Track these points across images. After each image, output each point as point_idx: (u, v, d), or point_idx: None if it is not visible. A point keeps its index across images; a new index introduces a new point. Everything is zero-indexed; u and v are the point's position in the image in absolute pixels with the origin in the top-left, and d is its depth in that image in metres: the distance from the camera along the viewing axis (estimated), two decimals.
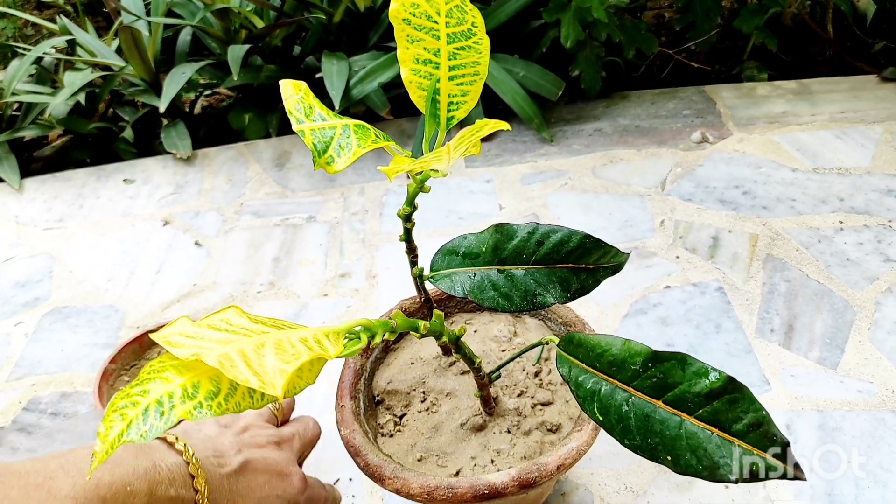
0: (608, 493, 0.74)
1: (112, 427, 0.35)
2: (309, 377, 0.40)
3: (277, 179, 1.35)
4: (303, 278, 1.10)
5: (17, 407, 0.92)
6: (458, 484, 0.56)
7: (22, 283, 1.15)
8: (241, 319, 0.40)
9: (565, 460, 0.57)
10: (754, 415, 0.43)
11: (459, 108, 0.52)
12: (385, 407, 0.67)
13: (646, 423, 0.45)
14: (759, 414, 0.43)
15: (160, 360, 0.37)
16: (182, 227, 1.25)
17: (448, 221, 1.18)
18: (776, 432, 0.42)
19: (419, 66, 0.50)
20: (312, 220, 1.24)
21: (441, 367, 0.69)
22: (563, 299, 0.56)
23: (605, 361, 0.48)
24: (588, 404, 0.48)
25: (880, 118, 1.32)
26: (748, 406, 0.43)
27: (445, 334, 0.54)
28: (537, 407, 0.65)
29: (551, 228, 0.56)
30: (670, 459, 0.44)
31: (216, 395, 0.37)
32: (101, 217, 1.30)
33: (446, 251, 0.59)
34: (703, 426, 0.44)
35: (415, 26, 0.48)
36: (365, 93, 1.34)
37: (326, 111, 0.48)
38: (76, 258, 1.20)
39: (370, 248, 1.15)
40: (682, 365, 0.45)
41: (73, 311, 1.08)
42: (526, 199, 1.22)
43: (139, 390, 0.36)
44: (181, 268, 1.16)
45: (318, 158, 0.45)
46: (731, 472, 0.42)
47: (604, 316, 0.96)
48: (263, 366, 0.36)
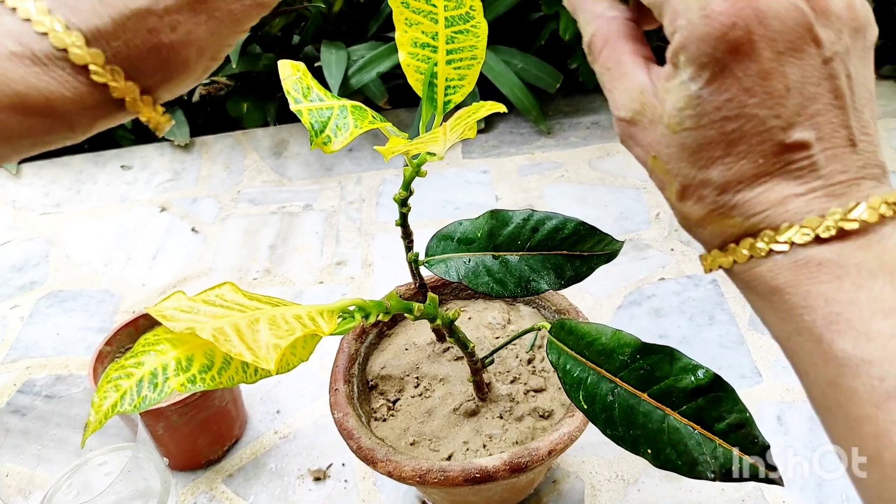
0: (599, 481, 0.74)
1: (106, 397, 0.36)
2: (303, 354, 0.41)
3: (275, 167, 1.35)
4: (299, 265, 1.10)
5: (11, 389, 0.92)
6: (450, 467, 0.56)
7: (18, 267, 1.15)
8: (235, 295, 0.40)
9: (556, 446, 0.57)
10: (738, 415, 0.43)
11: (457, 92, 0.52)
12: (379, 392, 0.68)
13: (629, 415, 0.45)
14: (742, 415, 0.43)
15: (154, 333, 0.38)
16: (179, 214, 1.25)
17: (444, 211, 1.19)
18: (758, 434, 0.42)
19: (417, 50, 0.50)
20: (309, 208, 1.24)
21: (435, 353, 0.69)
22: (556, 286, 0.56)
23: (594, 350, 0.48)
24: (574, 392, 0.48)
25: (877, 115, 1.32)
26: (732, 406, 0.43)
27: (439, 317, 0.54)
28: (530, 393, 0.66)
29: (546, 215, 0.57)
30: (651, 452, 0.44)
31: (210, 369, 0.37)
32: (98, 202, 1.30)
33: (441, 236, 0.59)
34: (685, 422, 0.44)
35: (413, 9, 0.48)
36: (363, 82, 1.34)
37: (324, 92, 0.48)
38: (73, 243, 1.20)
39: (366, 237, 1.15)
40: (669, 359, 0.45)
41: (69, 294, 1.09)
42: (522, 191, 1.22)
43: (133, 362, 0.36)
44: (178, 253, 1.16)
45: (316, 138, 0.46)
46: (709, 470, 0.43)
47: (598, 307, 0.96)
48: (257, 340, 0.36)
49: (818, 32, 0.27)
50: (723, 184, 0.29)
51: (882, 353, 0.26)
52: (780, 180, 0.28)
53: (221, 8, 0.32)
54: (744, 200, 0.29)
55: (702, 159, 0.29)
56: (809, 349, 0.28)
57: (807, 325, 0.28)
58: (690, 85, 0.28)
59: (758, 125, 0.28)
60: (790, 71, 0.27)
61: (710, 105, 0.28)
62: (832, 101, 0.28)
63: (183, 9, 0.31)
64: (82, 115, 0.32)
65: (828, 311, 0.27)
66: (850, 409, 0.27)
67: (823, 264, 0.28)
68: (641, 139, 0.31)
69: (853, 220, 0.27)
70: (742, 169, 0.28)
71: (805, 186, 0.28)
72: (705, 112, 0.28)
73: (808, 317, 0.28)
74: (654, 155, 0.31)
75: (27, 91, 0.29)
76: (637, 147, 0.32)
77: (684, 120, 0.29)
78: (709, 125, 0.28)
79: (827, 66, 0.28)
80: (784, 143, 0.28)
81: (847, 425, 0.27)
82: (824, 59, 0.28)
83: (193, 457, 0.79)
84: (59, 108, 0.30)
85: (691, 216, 0.31)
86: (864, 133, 0.29)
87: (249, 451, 0.82)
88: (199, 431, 0.76)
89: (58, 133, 0.32)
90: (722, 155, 0.29)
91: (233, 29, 0.34)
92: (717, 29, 0.27)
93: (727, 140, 0.28)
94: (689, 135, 0.29)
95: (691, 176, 0.30)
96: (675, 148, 0.30)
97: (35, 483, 0.63)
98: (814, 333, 0.28)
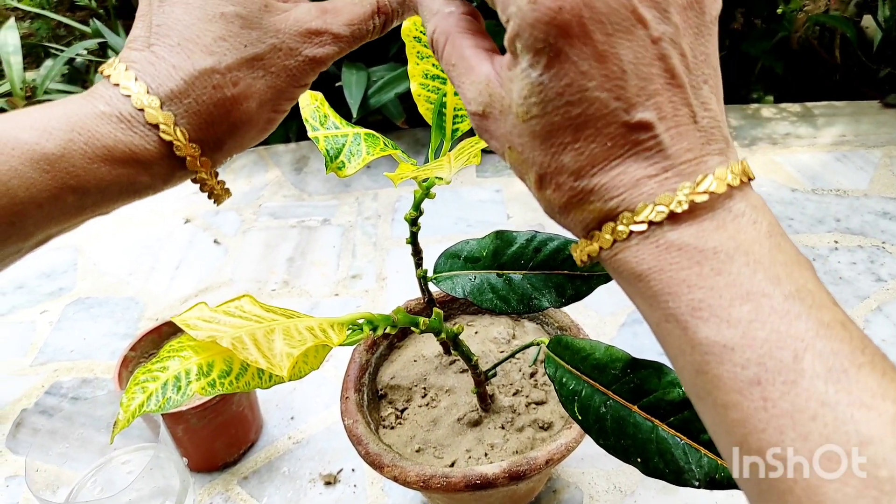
0: (598, 491, 0.77)
1: (133, 398, 0.39)
2: (314, 362, 0.44)
3: (295, 183, 1.40)
4: (316, 278, 1.14)
5: (39, 390, 0.96)
6: (452, 473, 0.59)
7: (48, 274, 1.20)
8: (253, 307, 0.44)
9: (554, 455, 0.60)
10: None
11: (464, 121, 0.55)
12: (388, 401, 0.71)
13: (620, 426, 0.48)
14: None
15: (179, 341, 0.41)
16: (202, 226, 1.30)
17: (457, 228, 1.22)
18: None
19: (427, 81, 0.53)
20: (327, 222, 1.28)
21: (442, 365, 0.73)
22: (558, 304, 0.59)
23: (588, 364, 0.51)
24: (570, 404, 0.51)
25: (880, 143, 1.35)
26: None
27: (444, 331, 0.58)
28: (531, 405, 0.68)
29: (549, 236, 0.60)
30: (640, 461, 0.47)
31: (228, 374, 0.41)
32: (124, 213, 1.34)
33: (449, 254, 0.62)
34: (673, 433, 0.46)
35: (424, 44, 0.52)
36: (382, 102, 1.38)
37: (340, 120, 0.52)
38: (100, 251, 1.25)
39: (381, 252, 1.19)
40: (658, 374, 0.48)
41: (96, 301, 1.13)
42: (532, 210, 1.25)
43: (159, 366, 0.40)
44: (200, 264, 1.20)
45: (331, 163, 0.49)
46: (695, 478, 0.45)
47: (602, 324, 0.99)
48: (272, 349, 0.40)
49: (642, 13, 0.27)
50: (577, 169, 0.29)
51: (742, 339, 0.26)
52: (632, 162, 0.29)
53: (277, 64, 0.38)
54: (600, 185, 0.29)
55: (553, 146, 0.30)
56: (676, 336, 0.28)
57: (672, 311, 0.28)
58: (531, 72, 0.29)
59: (600, 108, 0.28)
60: (623, 53, 0.28)
61: (552, 91, 0.28)
62: (669, 81, 0.28)
63: (242, 66, 0.37)
64: (160, 164, 0.36)
65: (690, 298, 0.28)
66: (718, 395, 0.27)
67: (684, 249, 0.28)
68: (495, 131, 0.32)
69: (703, 192, 0.28)
70: (593, 153, 0.29)
71: (656, 167, 0.29)
72: (549, 98, 0.29)
73: (672, 303, 0.28)
74: (508, 146, 0.32)
75: (114, 144, 0.35)
76: (493, 140, 0.33)
77: (531, 108, 0.29)
78: (554, 111, 0.29)
79: (656, 45, 0.28)
80: (628, 123, 0.28)
81: (716, 412, 0.28)
82: (652, 39, 0.28)
83: (211, 459, 0.83)
84: (140, 158, 0.36)
85: (553, 203, 0.31)
86: (706, 109, 0.30)
87: (264, 454, 0.85)
88: (216, 435, 0.80)
89: (140, 181, 0.37)
90: (572, 140, 0.29)
91: (290, 83, 0.39)
92: (545, 14, 0.27)
93: (574, 125, 0.29)
94: (537, 122, 0.29)
95: (546, 163, 0.30)
96: (526, 137, 0.30)
97: (62, 479, 0.66)
98: (679, 321, 0.28)
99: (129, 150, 0.35)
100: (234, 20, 0.36)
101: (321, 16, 0.39)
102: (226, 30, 0.36)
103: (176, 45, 0.36)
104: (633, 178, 0.29)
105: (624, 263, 0.30)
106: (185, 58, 0.36)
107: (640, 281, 0.29)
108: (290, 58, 0.38)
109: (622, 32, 0.27)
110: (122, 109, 0.35)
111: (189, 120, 0.36)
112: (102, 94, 0.35)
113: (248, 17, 0.37)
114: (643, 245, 0.29)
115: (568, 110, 0.28)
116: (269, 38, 0.37)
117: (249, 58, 0.37)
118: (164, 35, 0.36)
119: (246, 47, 0.37)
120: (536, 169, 0.31)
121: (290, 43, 0.38)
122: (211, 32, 0.36)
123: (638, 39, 0.28)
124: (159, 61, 0.36)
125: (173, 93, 0.35)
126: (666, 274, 0.28)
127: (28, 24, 2.11)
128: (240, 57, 0.36)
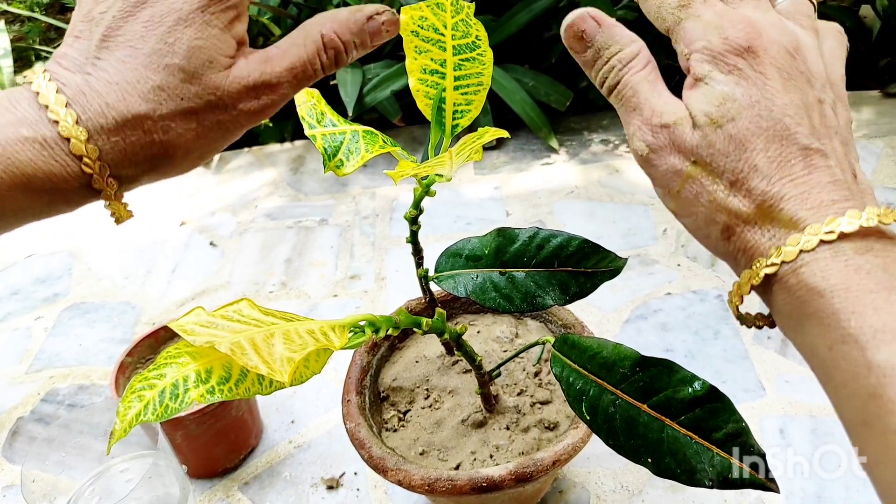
0: (605, 491, 0.76)
1: (130, 407, 0.38)
2: (315, 367, 0.43)
3: (291, 183, 1.38)
4: (314, 279, 1.13)
5: (35, 398, 0.95)
6: (458, 476, 0.58)
7: (42, 279, 1.19)
8: (252, 311, 0.43)
9: (560, 456, 0.59)
10: (734, 425, 0.45)
11: (464, 117, 0.54)
12: (390, 403, 0.70)
13: (630, 425, 0.47)
14: (738, 425, 0.45)
15: (176, 347, 0.40)
16: (198, 228, 1.28)
17: (456, 226, 1.21)
18: (754, 443, 0.44)
19: (426, 76, 0.52)
20: (324, 223, 1.27)
21: (444, 366, 0.72)
22: (561, 301, 0.58)
23: (596, 363, 0.50)
24: (577, 404, 0.50)
25: (882, 133, 1.34)
26: (729, 416, 0.45)
27: (447, 331, 0.56)
28: (536, 405, 0.67)
29: (551, 233, 0.59)
30: (651, 461, 0.46)
31: (228, 380, 0.39)
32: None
33: (450, 253, 0.61)
34: (684, 432, 0.45)
35: (423, 38, 0.50)
36: (378, 100, 1.37)
37: (337, 117, 0.51)
38: (95, 256, 1.24)
39: (380, 251, 1.18)
40: (668, 372, 0.47)
41: (92, 306, 1.12)
42: (532, 206, 1.24)
43: (156, 374, 0.39)
44: (196, 267, 1.19)
45: (329, 162, 0.48)
46: (707, 478, 0.44)
47: (606, 321, 0.98)
48: (272, 354, 0.39)
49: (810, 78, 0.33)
50: (769, 173, 0.32)
51: None
52: (816, 182, 0.31)
53: (211, 119, 0.38)
54: (791, 195, 0.31)
55: (746, 150, 0.32)
56: (853, 358, 0.29)
57: (852, 332, 0.28)
58: (722, 87, 0.33)
59: (784, 128, 0.32)
60: (797, 95, 0.32)
61: (744, 99, 0.32)
62: (835, 133, 0.33)
63: (176, 117, 0.36)
64: (77, 192, 0.37)
65: (875, 320, 0.28)
66: (891, 420, 0.27)
67: (872, 273, 0.29)
68: (682, 143, 0.34)
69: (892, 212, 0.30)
70: (781, 163, 0.32)
71: (839, 193, 0.31)
72: (743, 106, 0.32)
73: (854, 323, 0.28)
74: (693, 160, 0.34)
75: (34, 173, 0.34)
76: (674, 155, 0.35)
77: (727, 112, 0.33)
78: (748, 118, 0.32)
79: (821, 105, 0.33)
80: (809, 147, 0.32)
81: (885, 438, 0.27)
82: (818, 99, 0.33)
83: (210, 465, 0.82)
84: (59, 187, 0.36)
85: (740, 213, 0.33)
86: (859, 171, 0.33)
87: (265, 459, 0.84)
88: (216, 440, 0.79)
89: (56, 207, 0.37)
90: (763, 147, 0.32)
91: (221, 137, 0.39)
92: (735, 48, 0.33)
93: (765, 135, 0.32)
94: (733, 126, 0.32)
95: (739, 168, 0.33)
96: (721, 143, 0.33)
97: (59, 489, 0.65)
98: (859, 342, 0.28)
99: (49, 181, 0.35)
100: (176, 73, 0.36)
101: (261, 66, 0.38)
102: (166, 80, 0.36)
103: (114, 84, 0.35)
104: (818, 197, 0.31)
105: (808, 277, 0.30)
106: (121, 99, 0.35)
107: (822, 297, 0.30)
108: (224, 113, 0.38)
109: (795, 81, 0.33)
110: (46, 135, 0.34)
111: (113, 156, 0.36)
112: (26, 115, 0.35)
113: (190, 71, 0.36)
114: (832, 261, 0.30)
115: (758, 121, 0.32)
116: (208, 94, 0.37)
117: (184, 110, 0.37)
118: (104, 70, 0.35)
119: (182, 100, 0.36)
120: (728, 175, 0.33)
121: (227, 100, 0.37)
122: (151, 80, 0.36)
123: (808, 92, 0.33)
124: (93, 94, 0.35)
125: (102, 128, 0.35)
126: (852, 293, 0.29)
127: (18, 28, 2.09)
128: (175, 108, 0.36)
